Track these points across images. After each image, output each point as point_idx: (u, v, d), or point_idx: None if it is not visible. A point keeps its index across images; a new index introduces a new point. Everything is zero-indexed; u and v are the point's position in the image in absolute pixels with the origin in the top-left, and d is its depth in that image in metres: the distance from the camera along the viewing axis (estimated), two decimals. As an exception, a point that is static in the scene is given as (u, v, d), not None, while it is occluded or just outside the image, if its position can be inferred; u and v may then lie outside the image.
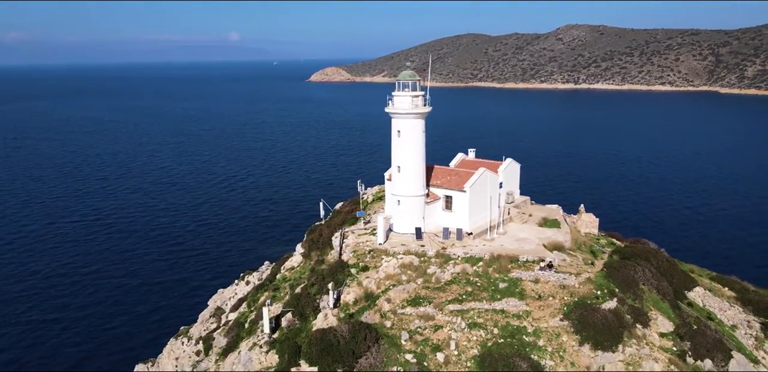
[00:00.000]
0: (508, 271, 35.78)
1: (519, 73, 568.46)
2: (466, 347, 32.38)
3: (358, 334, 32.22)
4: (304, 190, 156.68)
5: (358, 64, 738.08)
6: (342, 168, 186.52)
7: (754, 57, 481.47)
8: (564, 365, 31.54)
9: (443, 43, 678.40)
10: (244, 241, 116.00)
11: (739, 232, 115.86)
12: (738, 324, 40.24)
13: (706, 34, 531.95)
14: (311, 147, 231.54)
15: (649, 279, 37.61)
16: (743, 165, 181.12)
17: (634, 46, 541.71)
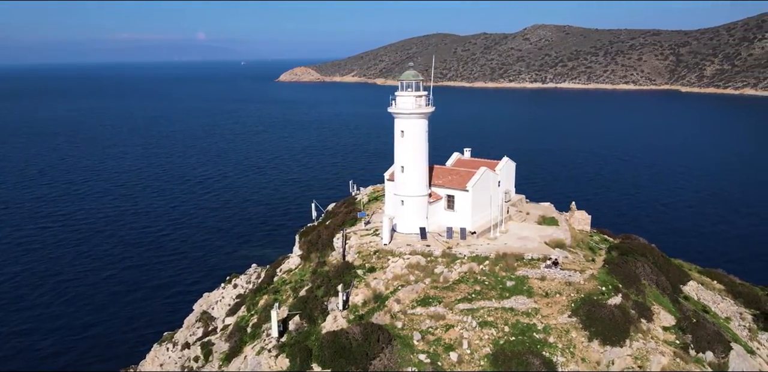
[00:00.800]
0: (514, 269, 36.14)
1: (488, 72, 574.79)
2: (478, 346, 32.58)
3: (370, 336, 32.10)
4: (282, 192, 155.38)
5: (328, 64, 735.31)
6: (321, 169, 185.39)
7: (713, 57, 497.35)
8: (575, 361, 32.03)
9: (412, 42, 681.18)
10: (224, 244, 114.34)
11: (711, 226, 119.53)
12: (731, 316, 41.52)
13: (666, 34, 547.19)
14: (287, 148, 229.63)
15: (649, 274, 38.48)
16: (709, 161, 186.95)
17: (598, 46, 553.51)
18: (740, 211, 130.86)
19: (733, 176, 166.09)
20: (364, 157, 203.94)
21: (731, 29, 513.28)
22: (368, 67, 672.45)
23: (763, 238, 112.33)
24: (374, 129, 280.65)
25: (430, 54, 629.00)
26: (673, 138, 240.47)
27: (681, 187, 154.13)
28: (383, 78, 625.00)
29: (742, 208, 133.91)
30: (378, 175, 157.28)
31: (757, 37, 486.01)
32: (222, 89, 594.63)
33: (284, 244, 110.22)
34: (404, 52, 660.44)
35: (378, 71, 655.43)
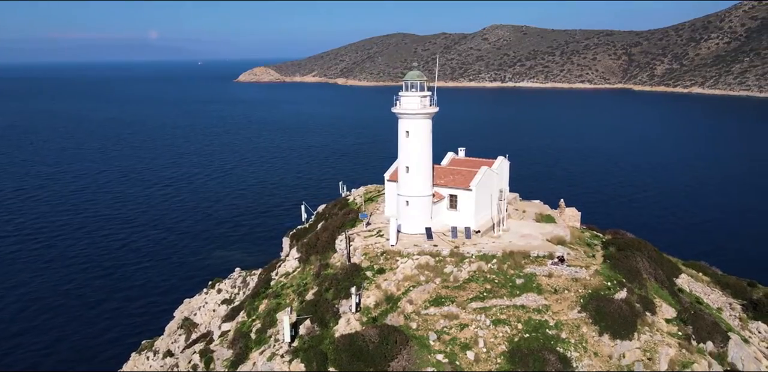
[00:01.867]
0: (522, 266, 36.61)
1: (448, 72, 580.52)
2: (493, 344, 32.86)
3: (387, 338, 31.96)
4: (255, 194, 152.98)
5: (288, 64, 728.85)
6: (295, 170, 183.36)
7: (662, 56, 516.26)
8: (588, 356, 32.68)
9: (373, 42, 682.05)
10: (199, 248, 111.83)
11: (678, 219, 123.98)
12: (722, 306, 43.16)
13: (619, 34, 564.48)
14: (255, 149, 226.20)
15: (647, 268, 39.60)
16: (665, 156, 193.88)
17: (555, 46, 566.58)
18: (702, 204, 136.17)
19: (689, 171, 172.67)
20: (339, 158, 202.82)
21: (679, 30, 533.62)
22: (329, 67, 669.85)
23: (728, 229, 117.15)
24: (344, 129, 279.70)
25: (391, 53, 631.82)
26: (630, 135, 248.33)
27: (645, 182, 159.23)
28: (344, 78, 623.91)
29: (703, 200, 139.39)
30: (358, 175, 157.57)
31: (703, 37, 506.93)
32: (180, 90, 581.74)
33: (265, 246, 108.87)
34: (365, 51, 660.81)
35: (339, 71, 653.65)
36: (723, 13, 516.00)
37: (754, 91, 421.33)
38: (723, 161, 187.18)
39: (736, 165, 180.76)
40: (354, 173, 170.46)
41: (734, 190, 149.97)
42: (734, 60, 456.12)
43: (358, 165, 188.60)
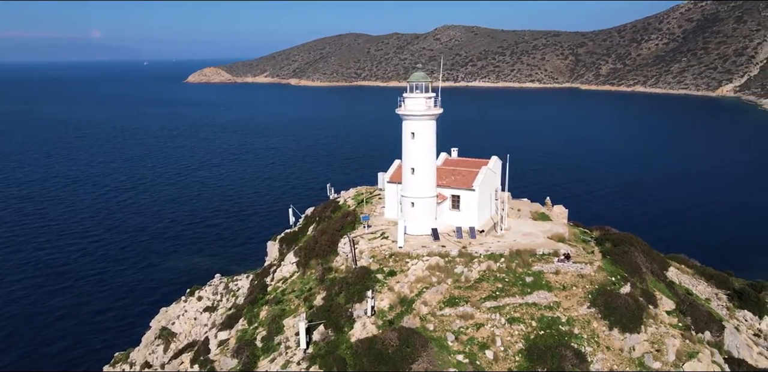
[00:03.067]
0: (529, 265, 37.21)
1: (401, 71, 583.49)
2: (510, 342, 33.28)
3: (408, 340, 31.90)
4: (220, 197, 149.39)
5: (239, 64, 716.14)
6: (257, 173, 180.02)
7: (607, 57, 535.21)
8: (601, 350, 33.53)
9: (325, 42, 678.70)
10: (169, 255, 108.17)
11: (640, 213, 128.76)
12: (710, 297, 45.11)
13: (566, 35, 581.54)
14: (214, 152, 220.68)
15: (644, 262, 40.96)
16: (616, 152, 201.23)
17: (505, 46, 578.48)
18: (661, 197, 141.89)
19: (642, 166, 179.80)
20: (307, 160, 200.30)
21: (621, 31, 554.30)
22: (281, 68, 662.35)
23: (691, 221, 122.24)
24: (304, 130, 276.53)
25: (344, 54, 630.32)
26: (583, 132, 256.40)
27: (603, 177, 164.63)
28: (297, 78, 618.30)
29: (662, 193, 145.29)
30: (329, 177, 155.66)
31: (644, 38, 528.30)
32: (127, 91, 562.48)
33: (242, 251, 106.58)
34: (317, 52, 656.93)
35: (291, 71, 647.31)
36: (661, 15, 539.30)
37: (692, 89, 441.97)
38: (672, 156, 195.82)
39: (684, 159, 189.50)
40: (326, 175, 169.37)
41: (688, 183, 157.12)
42: (673, 60, 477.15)
43: (326, 167, 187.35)
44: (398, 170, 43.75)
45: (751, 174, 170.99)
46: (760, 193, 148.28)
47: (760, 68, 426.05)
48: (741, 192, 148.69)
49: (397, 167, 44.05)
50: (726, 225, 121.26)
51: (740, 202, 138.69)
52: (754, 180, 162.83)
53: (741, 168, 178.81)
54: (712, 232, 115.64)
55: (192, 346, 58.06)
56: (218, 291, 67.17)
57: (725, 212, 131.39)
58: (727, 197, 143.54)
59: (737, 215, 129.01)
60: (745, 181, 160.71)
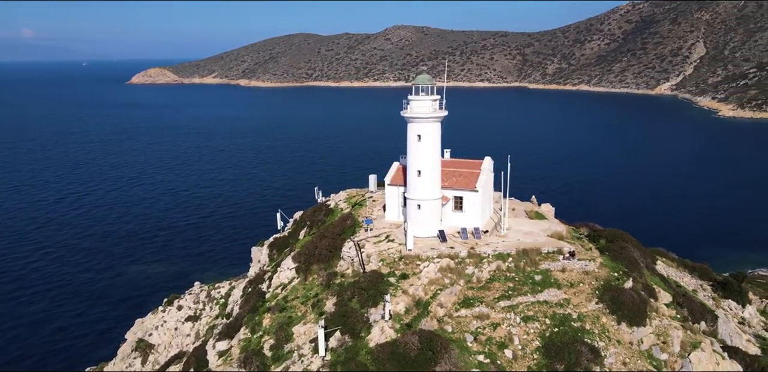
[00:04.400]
0: (537, 263, 37.91)
1: (353, 72, 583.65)
2: (527, 340, 33.82)
3: (429, 343, 31.91)
4: (182, 202, 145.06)
5: (185, 65, 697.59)
6: (218, 177, 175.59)
7: (553, 56, 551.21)
8: (612, 344, 34.51)
9: (275, 42, 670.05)
10: (134, 264, 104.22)
11: (608, 207, 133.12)
12: (696, 288, 47.19)
13: (513, 36, 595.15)
14: (159, 156, 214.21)
15: (639, 257, 42.44)
16: (572, 148, 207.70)
17: (455, 46, 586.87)
18: (616, 192, 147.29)
19: (593, 162, 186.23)
20: (274, 163, 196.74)
21: (566, 32, 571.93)
22: (230, 68, 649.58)
23: (652, 214, 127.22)
24: (266, 132, 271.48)
25: (294, 54, 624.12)
26: (536, 130, 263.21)
27: (563, 173, 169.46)
28: (247, 79, 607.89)
29: (620, 187, 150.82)
30: (311, 180, 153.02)
31: (587, 39, 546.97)
32: (67, 93, 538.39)
33: (214, 257, 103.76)
34: (267, 52, 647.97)
35: (241, 72, 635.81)
36: (602, 17, 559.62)
37: (633, 88, 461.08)
38: (621, 152, 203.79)
39: (632, 155, 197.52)
40: (301, 178, 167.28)
41: (640, 178, 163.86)
42: (614, 60, 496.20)
43: (300, 169, 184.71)
44: (398, 172, 43.73)
45: (692, 167, 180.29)
46: (705, 185, 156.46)
47: (693, 68, 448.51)
48: (691, 185, 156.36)
49: (396, 169, 44.01)
50: (682, 217, 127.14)
51: (691, 196, 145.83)
52: (700, 173, 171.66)
53: (685, 162, 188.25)
54: (671, 225, 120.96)
55: (180, 358, 56.23)
56: (200, 299, 65.38)
57: (680, 205, 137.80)
58: (680, 191, 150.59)
59: (689, 207, 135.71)
60: (689, 175, 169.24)
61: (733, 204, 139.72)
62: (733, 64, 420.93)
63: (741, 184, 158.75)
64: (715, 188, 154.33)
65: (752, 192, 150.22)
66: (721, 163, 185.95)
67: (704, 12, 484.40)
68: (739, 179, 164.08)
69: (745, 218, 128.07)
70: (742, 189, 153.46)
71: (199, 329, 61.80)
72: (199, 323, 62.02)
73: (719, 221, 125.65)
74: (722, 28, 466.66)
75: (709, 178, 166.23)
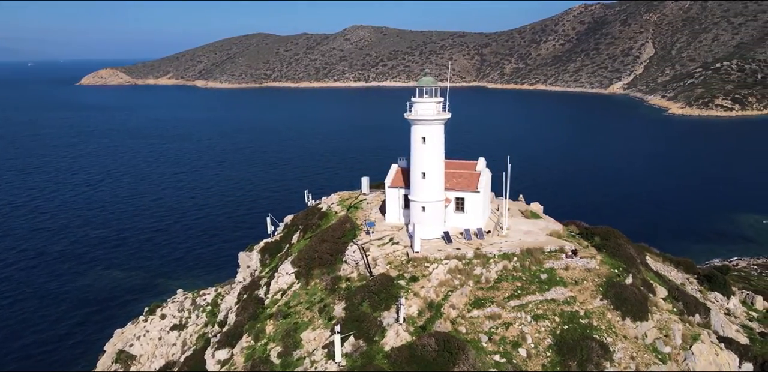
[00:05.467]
0: (541, 262, 38.53)
1: (312, 72, 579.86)
2: (539, 339, 34.34)
3: (446, 344, 32.05)
4: (148, 207, 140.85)
5: (139, 66, 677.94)
6: (183, 180, 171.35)
7: (510, 56, 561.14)
8: (620, 339, 35.41)
9: (232, 42, 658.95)
10: (102, 272, 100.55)
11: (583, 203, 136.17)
12: (683, 282, 48.88)
13: (471, 36, 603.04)
14: (120, 161, 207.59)
15: (634, 254, 43.67)
16: (531, 146, 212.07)
17: (414, 46, 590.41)
18: (584, 188, 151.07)
19: (557, 160, 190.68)
20: (233, 166, 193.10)
21: (522, 32, 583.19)
22: (185, 69, 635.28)
23: (623, 211, 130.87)
24: (230, 134, 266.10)
25: (252, 54, 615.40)
26: (494, 129, 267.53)
27: (530, 170, 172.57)
28: (204, 80, 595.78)
29: (585, 185, 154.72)
30: (264, 183, 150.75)
31: (542, 39, 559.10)
32: (13, 95, 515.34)
33: (186, 264, 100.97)
34: (224, 52, 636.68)
35: (197, 73, 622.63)
36: (557, 18, 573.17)
37: (587, 87, 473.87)
38: (581, 149, 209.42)
39: (590, 152, 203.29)
40: (274, 181, 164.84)
41: (600, 174, 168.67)
42: (569, 60, 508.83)
43: (271, 172, 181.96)
44: (397, 175, 43.71)
45: (646, 163, 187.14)
46: (661, 181, 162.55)
47: (644, 67, 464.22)
48: (647, 181, 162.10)
49: (396, 172, 43.97)
50: (644, 212, 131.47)
51: (649, 191, 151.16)
52: (654, 170, 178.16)
53: (638, 159, 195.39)
54: (635, 220, 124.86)
55: (169, 368, 54.69)
56: (184, 307, 63.73)
57: (641, 200, 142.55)
58: (639, 187, 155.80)
59: (648, 201, 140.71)
60: (643, 171, 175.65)
61: (687, 198, 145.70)
62: (680, 63, 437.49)
63: (692, 178, 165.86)
64: (671, 183, 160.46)
65: (706, 186, 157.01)
66: (673, 160, 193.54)
67: (652, 13, 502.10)
68: (691, 174, 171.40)
69: (700, 211, 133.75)
70: (694, 183, 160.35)
71: (185, 338, 60.24)
72: (186, 332, 60.47)
73: (677, 215, 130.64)
74: (669, 29, 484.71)
75: (664, 173, 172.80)
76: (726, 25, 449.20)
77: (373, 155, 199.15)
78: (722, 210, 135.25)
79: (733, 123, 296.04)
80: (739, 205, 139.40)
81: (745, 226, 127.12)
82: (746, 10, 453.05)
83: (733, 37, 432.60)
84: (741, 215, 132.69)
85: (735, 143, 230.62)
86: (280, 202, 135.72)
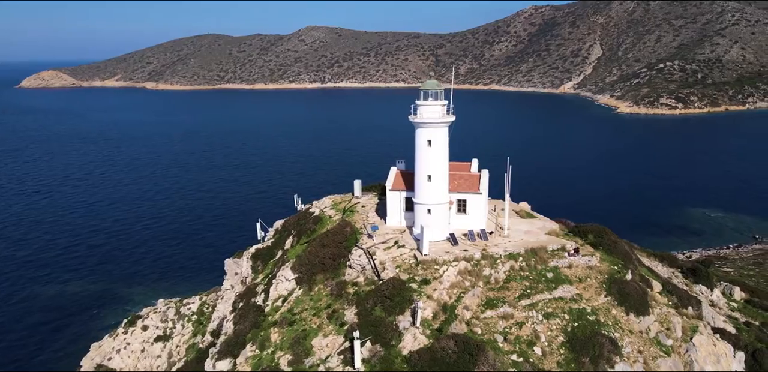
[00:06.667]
0: (545, 261, 39.21)
1: (267, 73, 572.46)
2: (551, 337, 34.95)
3: (465, 346, 32.22)
4: (100, 217, 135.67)
5: (84, 67, 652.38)
6: (144, 186, 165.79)
7: (464, 57, 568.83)
8: (626, 334, 36.45)
9: (183, 43, 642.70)
10: (68, 282, 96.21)
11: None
12: (670, 276, 50.69)
13: (425, 37, 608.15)
14: (61, 167, 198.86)
15: (628, 250, 44.99)
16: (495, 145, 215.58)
17: (369, 47, 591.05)
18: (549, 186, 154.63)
19: (519, 158, 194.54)
20: (194, 170, 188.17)
21: (475, 33, 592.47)
22: (134, 70, 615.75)
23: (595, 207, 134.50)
24: (183, 139, 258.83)
25: (204, 55, 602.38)
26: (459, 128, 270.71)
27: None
28: (154, 82, 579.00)
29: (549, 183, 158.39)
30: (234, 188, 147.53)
31: (495, 40, 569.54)
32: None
33: (148, 274, 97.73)
34: (175, 53, 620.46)
35: (146, 74, 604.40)
36: (509, 19, 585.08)
37: (539, 87, 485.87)
38: (531, 145, 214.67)
39: (545, 148, 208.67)
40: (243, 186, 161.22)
41: (555, 171, 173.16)
42: (521, 60, 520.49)
43: (216, 177, 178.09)
44: (398, 177, 43.63)
45: (598, 160, 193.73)
46: (613, 176, 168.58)
47: (592, 68, 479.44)
48: (604, 177, 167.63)
49: (395, 175, 43.89)
50: (605, 208, 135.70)
51: (607, 186, 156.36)
52: (606, 166, 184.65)
53: (592, 155, 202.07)
54: (596, 216, 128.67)
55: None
56: (168, 317, 61.76)
57: (597, 195, 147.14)
58: (597, 183, 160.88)
59: (607, 196, 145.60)
60: (595, 168, 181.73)
61: (639, 194, 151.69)
62: (626, 64, 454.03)
63: (642, 175, 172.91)
64: (623, 180, 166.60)
65: (656, 182, 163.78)
66: (624, 157, 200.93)
67: (599, 16, 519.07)
68: (641, 171, 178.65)
69: (652, 206, 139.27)
70: (644, 179, 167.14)
71: (171, 349, 58.42)
72: (172, 343, 58.63)
73: (630, 210, 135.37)
74: (615, 30, 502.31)
75: (616, 171, 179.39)
76: (667, 27, 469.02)
77: (348, 158, 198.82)
78: (672, 204, 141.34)
79: (677, 121, 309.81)
80: (687, 199, 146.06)
81: (694, 219, 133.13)
82: (686, 13, 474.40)
83: (674, 38, 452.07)
84: (689, 209, 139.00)
85: (680, 141, 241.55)
86: (257, 208, 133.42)
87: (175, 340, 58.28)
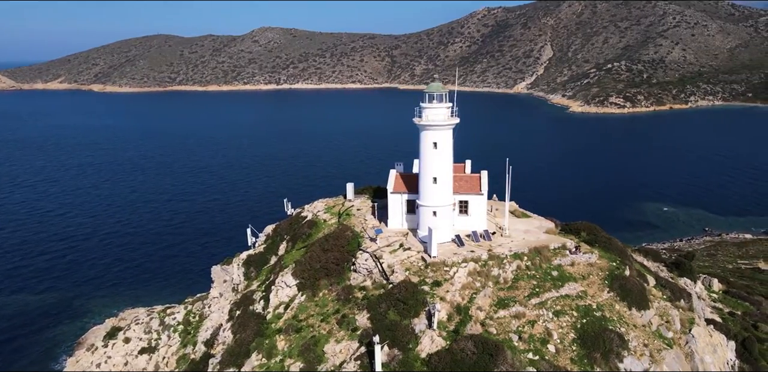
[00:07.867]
0: (549, 260, 39.91)
1: (220, 75, 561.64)
2: (563, 334, 35.60)
3: (484, 346, 32.43)
4: (60, 226, 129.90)
5: (24, 69, 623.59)
6: (106, 192, 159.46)
7: (419, 58, 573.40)
8: (631, 328, 37.49)
9: (131, 44, 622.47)
10: (32, 294, 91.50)
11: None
12: (656, 270, 52.43)
13: (381, 38, 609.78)
14: (5, 173, 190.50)
15: (623, 247, 46.29)
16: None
17: (324, 48, 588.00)
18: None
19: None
20: (154, 174, 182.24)
21: (430, 34, 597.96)
22: (79, 72, 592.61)
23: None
24: (140, 144, 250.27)
25: (154, 56, 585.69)
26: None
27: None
28: (101, 84, 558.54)
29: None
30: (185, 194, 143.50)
31: (450, 41, 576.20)
32: None
33: (107, 284, 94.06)
34: (122, 54, 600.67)
35: (92, 76, 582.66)
36: (462, 20, 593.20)
37: (494, 87, 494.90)
38: (495, 146, 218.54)
39: (502, 148, 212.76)
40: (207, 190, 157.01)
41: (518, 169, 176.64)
42: (475, 61, 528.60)
43: (179, 182, 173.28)
44: (398, 180, 43.53)
45: (556, 158, 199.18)
46: (570, 173, 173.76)
47: (544, 68, 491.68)
48: (559, 174, 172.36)
49: (396, 177, 43.76)
50: (565, 205, 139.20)
51: (562, 182, 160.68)
52: (565, 163, 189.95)
53: (550, 154, 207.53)
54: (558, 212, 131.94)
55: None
56: (152, 328, 59.64)
57: (554, 192, 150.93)
58: (554, 180, 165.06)
59: (566, 192, 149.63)
60: (558, 165, 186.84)
61: (598, 190, 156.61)
62: (576, 64, 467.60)
63: (598, 171, 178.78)
64: (580, 176, 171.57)
65: (611, 178, 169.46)
66: (580, 155, 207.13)
67: (549, 17, 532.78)
68: (596, 167, 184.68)
69: (609, 201, 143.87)
70: (600, 176, 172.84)
71: (158, 361, 56.41)
72: (158, 354, 56.63)
73: (589, 206, 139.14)
74: (565, 32, 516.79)
75: (571, 167, 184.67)
76: (614, 28, 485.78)
77: (329, 160, 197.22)
78: (628, 200, 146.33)
79: (625, 119, 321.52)
80: (641, 194, 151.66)
81: (648, 213, 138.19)
82: (630, 15, 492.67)
83: (620, 39, 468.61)
84: (644, 204, 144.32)
85: (631, 138, 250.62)
86: (236, 214, 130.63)
87: (162, 351, 56.34)
